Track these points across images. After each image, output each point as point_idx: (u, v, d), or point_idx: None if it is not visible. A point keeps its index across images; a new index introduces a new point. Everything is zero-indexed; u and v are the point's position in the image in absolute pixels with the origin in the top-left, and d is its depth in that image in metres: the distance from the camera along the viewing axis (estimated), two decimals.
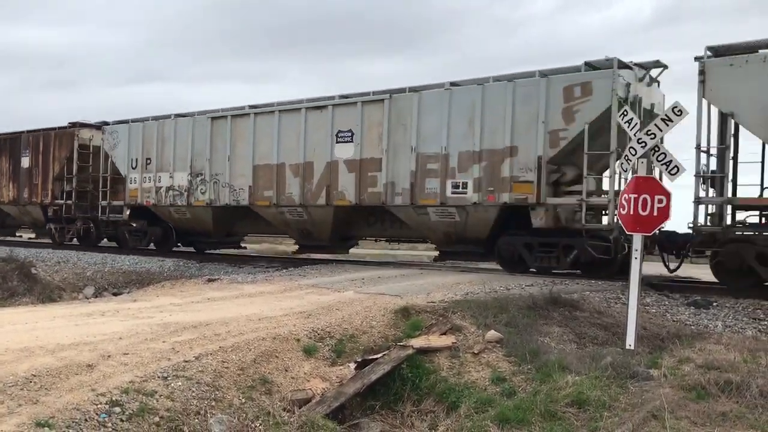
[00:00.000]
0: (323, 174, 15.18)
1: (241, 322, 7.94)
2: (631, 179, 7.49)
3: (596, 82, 11.88)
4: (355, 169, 14.70)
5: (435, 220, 13.88)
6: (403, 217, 14.46)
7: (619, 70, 11.84)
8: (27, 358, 5.97)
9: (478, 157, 13.07)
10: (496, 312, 8.32)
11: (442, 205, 13.57)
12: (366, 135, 14.58)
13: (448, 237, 14.14)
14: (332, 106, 15.12)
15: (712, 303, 10.21)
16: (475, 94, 13.18)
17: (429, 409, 6.66)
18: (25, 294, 14.27)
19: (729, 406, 5.59)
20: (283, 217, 16.33)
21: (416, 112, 13.84)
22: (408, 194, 13.91)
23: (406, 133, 13.99)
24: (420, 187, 13.79)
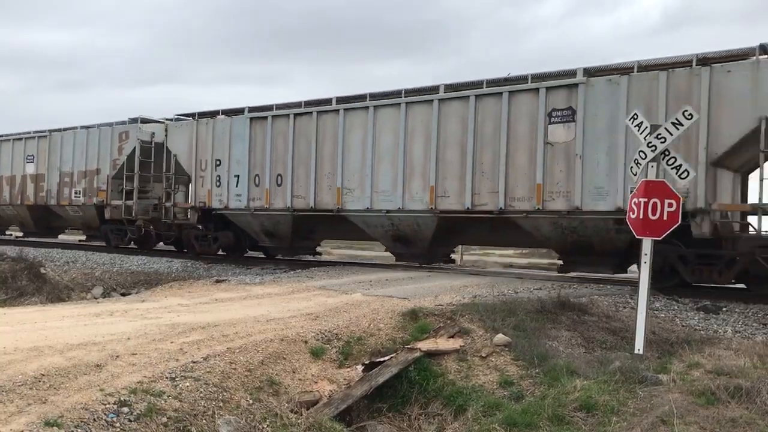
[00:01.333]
0: None
1: (248, 323, 7.95)
2: (641, 183, 7.46)
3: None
4: None
5: None
6: None
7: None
8: (36, 358, 5.99)
9: None
10: (504, 315, 8.30)
11: None
12: None
13: None
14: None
15: (722, 308, 10.15)
16: None
17: (436, 412, 6.64)
18: (34, 294, 14.33)
19: (739, 412, 5.55)
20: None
21: None
22: None
23: None
24: None
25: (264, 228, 16.89)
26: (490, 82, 13.24)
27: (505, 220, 12.92)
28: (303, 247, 17.52)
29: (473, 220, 13.42)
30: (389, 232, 14.63)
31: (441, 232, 13.99)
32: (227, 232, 17.76)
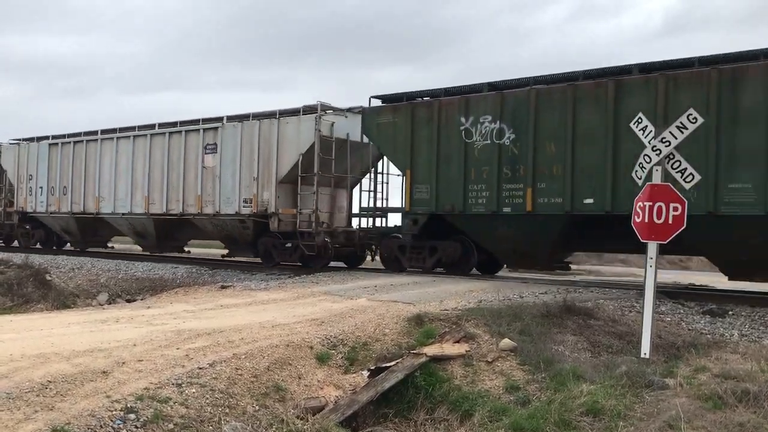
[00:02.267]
0: None
1: (254, 329, 7.96)
2: (646, 187, 7.45)
3: None
4: None
5: None
6: None
7: None
8: (43, 365, 6.01)
9: None
10: (510, 320, 8.29)
11: None
12: None
13: None
14: None
15: (728, 311, 10.12)
16: None
17: (442, 418, 6.63)
18: (39, 300, 14.39)
19: (746, 416, 5.53)
20: None
21: None
22: None
23: None
24: None
25: (61, 227, 22.33)
26: (183, 122, 18.76)
27: (186, 220, 18.42)
28: (94, 242, 22.77)
29: (172, 221, 18.85)
30: (130, 229, 20.21)
31: (161, 230, 19.46)
32: (40, 230, 23.45)
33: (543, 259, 13.24)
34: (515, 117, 12.71)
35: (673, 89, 10.94)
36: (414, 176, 14.04)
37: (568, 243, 13.15)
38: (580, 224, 12.38)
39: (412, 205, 14.13)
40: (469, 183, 13.26)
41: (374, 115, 14.86)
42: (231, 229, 17.45)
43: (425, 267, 14.40)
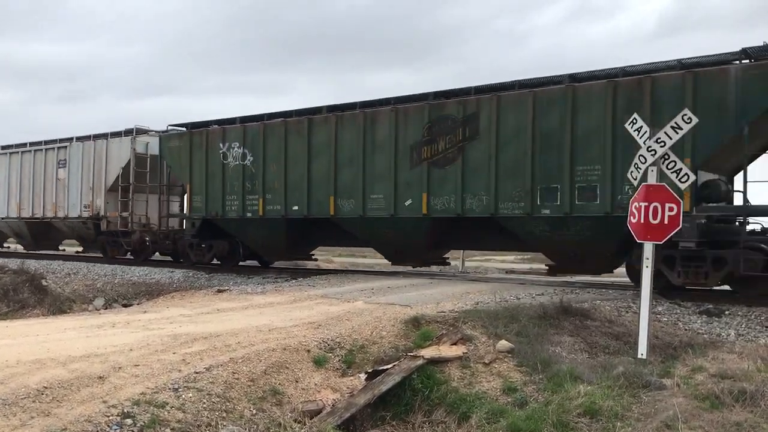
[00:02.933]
0: None
1: (251, 333, 7.94)
2: (641, 187, 7.46)
3: None
4: None
5: None
6: None
7: None
8: (38, 370, 5.98)
9: None
10: (507, 321, 8.29)
11: None
12: None
13: None
14: None
15: (725, 311, 10.14)
16: None
17: (440, 420, 6.62)
18: (35, 306, 14.33)
19: (743, 416, 5.54)
20: None
21: None
22: None
23: None
24: None
25: None
26: (47, 141, 22.38)
27: (48, 223, 22.47)
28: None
29: (39, 223, 22.89)
30: (10, 230, 24.35)
31: (33, 231, 23.37)
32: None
33: (284, 252, 17.74)
34: (253, 144, 16.55)
35: (341, 126, 14.95)
36: (192, 189, 17.82)
37: (300, 240, 17.03)
38: (300, 225, 16.21)
39: (191, 212, 17.95)
40: (226, 194, 17.03)
41: (166, 139, 18.67)
42: (79, 229, 21.85)
43: (204, 260, 18.27)
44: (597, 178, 11.52)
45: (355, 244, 17.38)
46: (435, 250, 15.29)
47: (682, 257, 10.75)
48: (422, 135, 13.66)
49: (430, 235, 14.22)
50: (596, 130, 11.51)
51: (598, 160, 11.52)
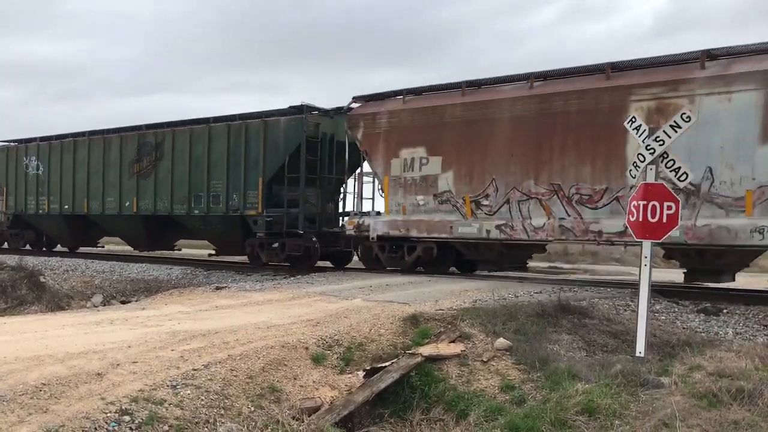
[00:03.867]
0: None
1: (249, 330, 7.94)
2: (640, 186, 7.46)
3: None
4: None
5: None
6: None
7: None
8: (37, 367, 5.98)
9: None
10: (505, 319, 8.30)
11: None
12: None
13: None
14: None
15: (723, 310, 10.15)
16: None
17: (438, 418, 6.63)
18: (33, 302, 14.30)
19: (741, 414, 5.54)
20: None
21: None
22: None
23: None
24: None
25: None
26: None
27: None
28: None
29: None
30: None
31: None
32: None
33: (71, 240, 23.30)
34: (43, 158, 22.13)
35: (92, 147, 20.63)
36: (7, 191, 23.48)
37: (81, 231, 22.35)
38: (76, 219, 21.80)
39: (6, 209, 23.72)
40: (28, 196, 22.52)
41: None
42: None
43: (19, 246, 23.55)
44: (221, 189, 17.32)
45: (108, 234, 23.10)
46: (159, 240, 20.83)
47: (261, 243, 16.80)
48: (134, 155, 19.33)
49: (147, 228, 19.87)
50: (220, 157, 17.29)
51: (221, 177, 17.31)
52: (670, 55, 11.82)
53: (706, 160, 10.76)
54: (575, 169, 12.21)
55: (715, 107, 10.81)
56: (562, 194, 12.36)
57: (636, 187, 7.62)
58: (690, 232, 10.86)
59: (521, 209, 12.92)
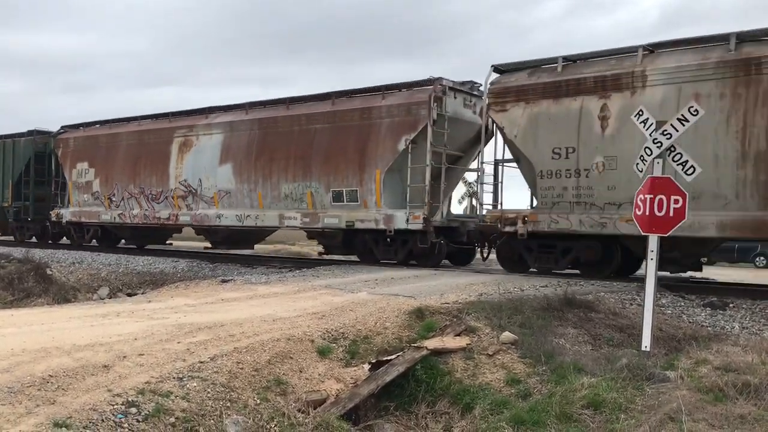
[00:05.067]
0: None
1: (255, 323, 7.96)
2: (647, 180, 7.43)
3: None
4: None
5: None
6: None
7: None
8: (44, 359, 6.01)
9: None
10: (511, 313, 8.29)
11: None
12: None
13: None
14: None
15: (729, 304, 10.12)
16: None
17: (443, 411, 6.64)
18: (40, 295, 14.39)
19: (747, 409, 5.53)
20: None
21: None
22: None
23: None
24: None
25: None
26: None
27: None
28: None
29: None
30: None
31: None
32: None
33: None
34: None
35: None
36: None
37: None
38: None
39: None
40: None
41: None
42: None
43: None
44: None
45: None
46: None
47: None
48: None
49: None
50: None
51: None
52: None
53: (200, 174, 18.43)
54: (149, 178, 19.89)
55: (206, 142, 18.44)
56: (145, 194, 19.97)
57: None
58: (194, 217, 18.79)
59: (129, 203, 20.55)
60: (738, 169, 10.63)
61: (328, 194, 15.73)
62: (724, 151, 10.70)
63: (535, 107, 12.75)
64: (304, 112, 16.42)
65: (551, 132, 12.50)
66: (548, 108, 12.58)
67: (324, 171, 15.76)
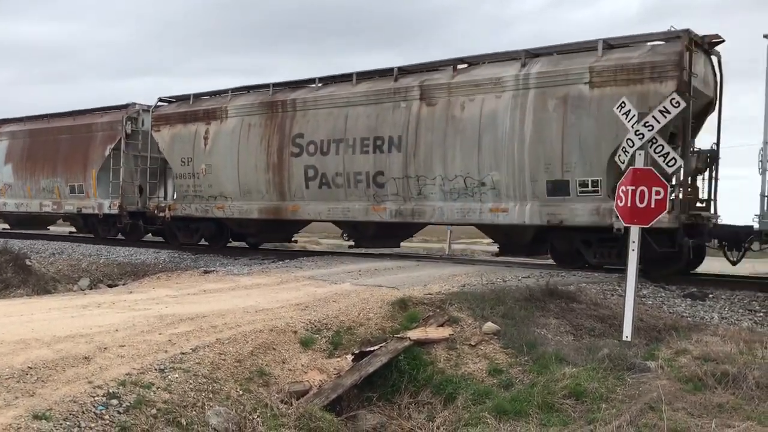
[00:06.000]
0: None
1: (237, 314, 7.93)
2: (629, 171, 7.48)
3: None
4: None
5: None
6: None
7: None
8: (23, 351, 5.94)
9: None
10: (493, 304, 8.32)
11: None
12: None
13: None
14: None
15: (708, 295, 10.24)
16: None
17: (426, 401, 6.66)
18: (19, 286, 14.19)
19: (726, 398, 5.61)
20: None
21: None
22: None
23: None
24: None
25: None
26: None
27: None
28: None
29: None
30: None
31: None
32: None
33: None
34: None
35: None
36: None
37: None
38: None
39: None
40: None
41: None
42: None
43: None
44: None
45: None
46: None
47: None
48: None
49: None
50: None
51: None
52: None
53: None
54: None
55: None
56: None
57: None
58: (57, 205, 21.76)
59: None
60: (266, 173, 15.75)
61: (67, 187, 21.17)
62: (258, 162, 15.91)
63: (173, 129, 17.95)
64: (56, 125, 21.87)
65: (181, 146, 17.64)
66: (180, 130, 17.81)
67: (64, 170, 21.17)
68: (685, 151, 10.96)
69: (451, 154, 12.74)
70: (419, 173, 13.17)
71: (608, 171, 11.02)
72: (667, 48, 10.84)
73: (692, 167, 11.47)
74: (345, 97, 14.43)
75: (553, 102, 11.55)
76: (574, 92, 11.36)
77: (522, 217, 12.06)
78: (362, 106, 14.09)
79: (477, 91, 12.48)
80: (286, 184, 15.40)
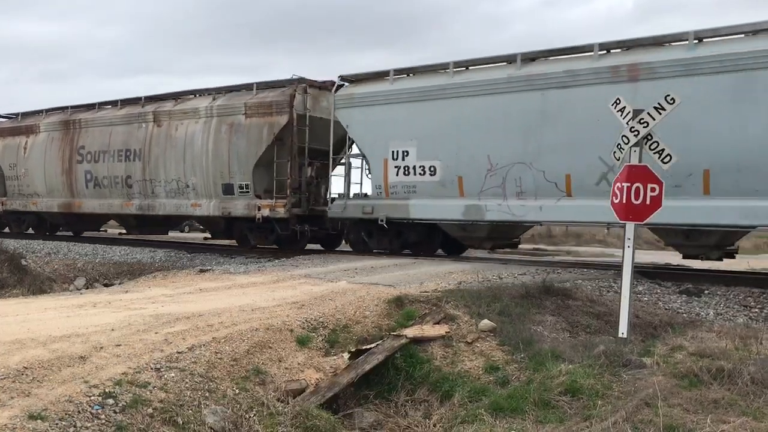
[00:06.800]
0: None
1: (233, 312, 7.92)
2: (624, 167, 7.48)
3: None
4: None
5: None
6: None
7: None
8: (18, 350, 5.92)
9: None
10: (489, 301, 8.33)
11: None
12: None
13: None
14: None
15: (704, 291, 10.27)
16: None
17: (423, 399, 6.67)
18: (15, 285, 14.15)
19: (721, 394, 5.62)
20: None
21: None
22: None
23: None
24: None
25: None
26: None
27: None
28: None
29: None
30: None
31: None
32: None
33: None
34: None
35: None
36: None
37: None
38: None
39: None
40: None
41: None
42: None
43: None
44: None
45: None
46: None
47: None
48: None
49: None
50: None
51: None
52: None
53: None
54: None
55: None
56: None
57: None
58: None
59: None
60: (62, 176, 20.77)
61: None
62: (57, 168, 21.08)
63: (5, 140, 23.24)
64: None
65: (10, 154, 22.64)
66: (9, 141, 22.69)
67: None
68: (302, 165, 16.00)
69: (170, 163, 17.82)
70: (152, 177, 18.26)
71: (254, 177, 16.21)
72: (285, 92, 15.96)
73: (309, 175, 16.35)
74: (110, 118, 19.68)
75: (225, 127, 16.69)
76: (237, 120, 16.49)
77: (209, 210, 17.27)
78: (120, 126, 19.26)
79: (185, 117, 17.68)
80: (74, 185, 20.54)
